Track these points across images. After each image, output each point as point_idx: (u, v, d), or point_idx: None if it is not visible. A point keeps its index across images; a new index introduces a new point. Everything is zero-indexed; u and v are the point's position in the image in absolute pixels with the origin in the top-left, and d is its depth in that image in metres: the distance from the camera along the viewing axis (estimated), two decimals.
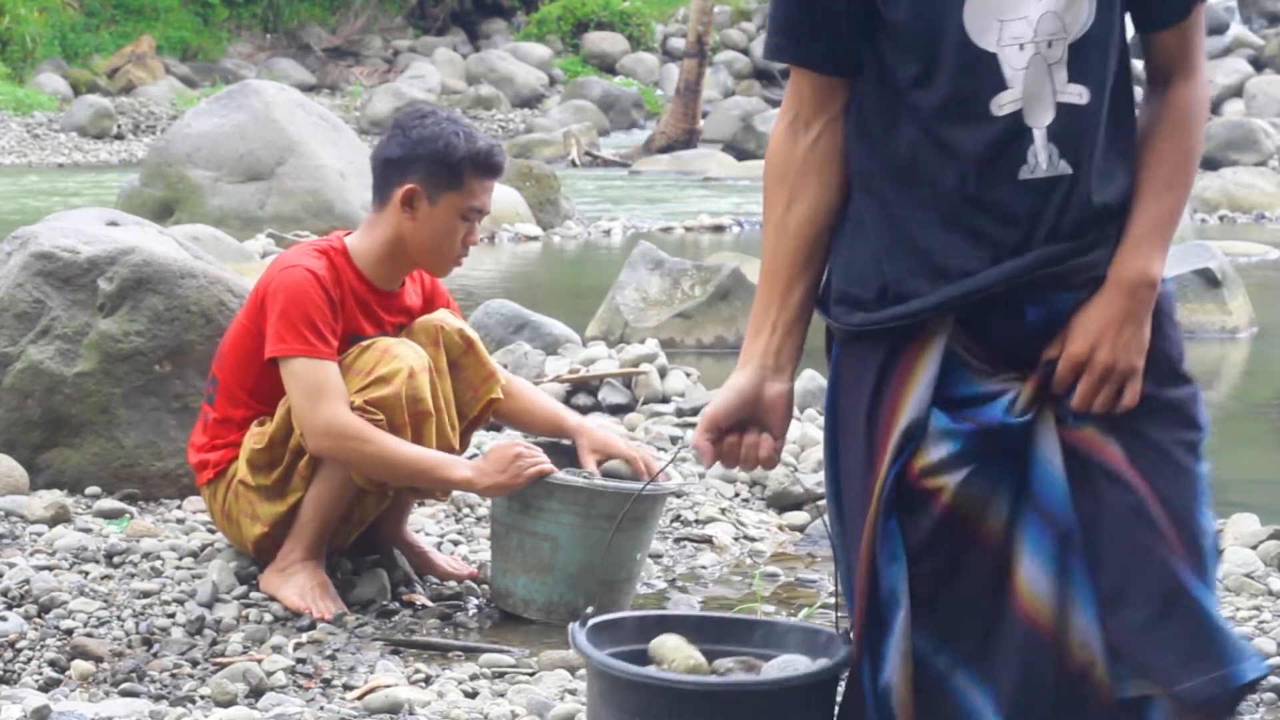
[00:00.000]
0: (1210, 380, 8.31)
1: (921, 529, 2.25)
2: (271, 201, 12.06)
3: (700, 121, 21.68)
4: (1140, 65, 2.40)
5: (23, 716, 3.42)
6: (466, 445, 4.39)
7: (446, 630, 4.18)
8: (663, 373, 6.70)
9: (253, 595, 4.22)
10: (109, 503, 4.87)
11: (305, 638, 4.01)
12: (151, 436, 4.98)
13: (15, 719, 3.42)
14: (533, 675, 3.84)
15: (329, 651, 3.94)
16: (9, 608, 4.06)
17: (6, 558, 4.37)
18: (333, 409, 4.04)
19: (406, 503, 4.48)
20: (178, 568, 4.37)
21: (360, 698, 3.66)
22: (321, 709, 3.61)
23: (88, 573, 4.32)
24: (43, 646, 3.88)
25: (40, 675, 3.75)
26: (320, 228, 11.13)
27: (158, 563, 4.40)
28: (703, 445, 2.39)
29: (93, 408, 4.95)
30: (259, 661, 3.82)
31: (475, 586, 4.44)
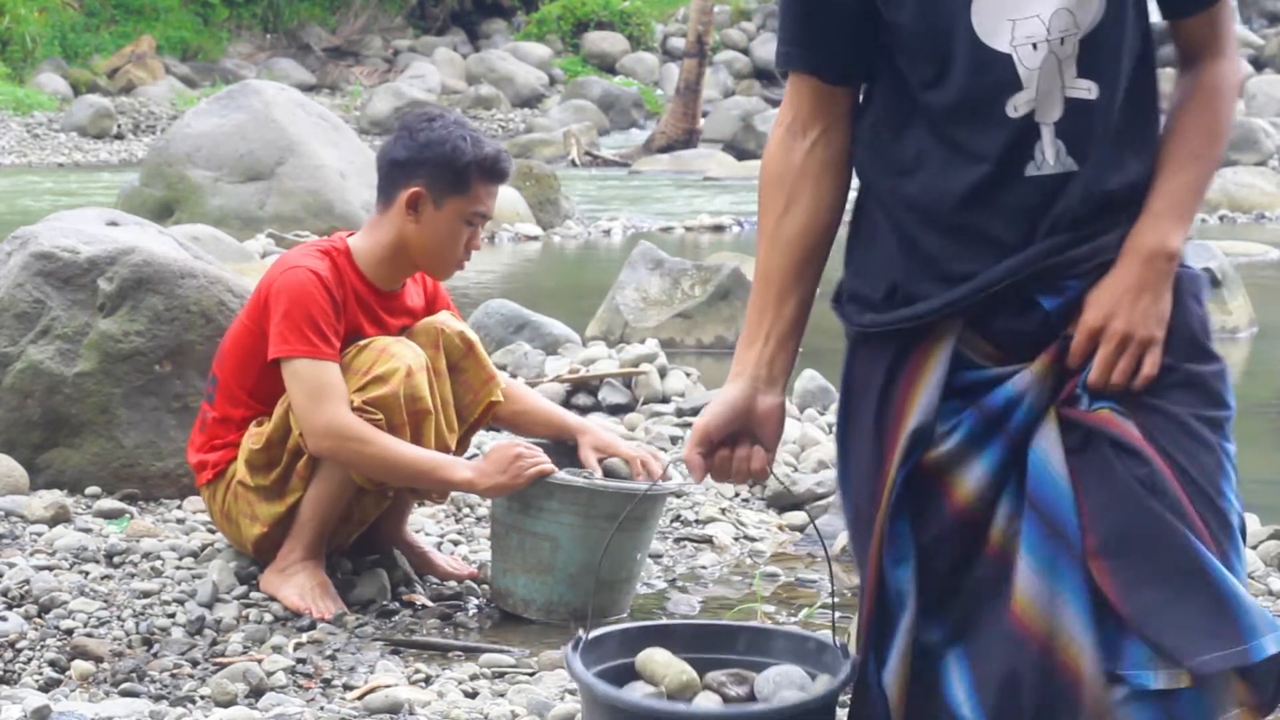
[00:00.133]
0: None
1: (932, 524, 2.24)
2: (271, 201, 12.05)
3: (700, 121, 21.68)
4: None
5: (23, 716, 3.42)
6: (466, 448, 4.39)
7: (446, 630, 4.18)
8: (663, 373, 6.70)
9: (253, 595, 4.22)
10: (109, 503, 4.86)
11: (305, 638, 4.01)
12: (151, 436, 4.98)
13: (15, 719, 3.41)
14: (533, 675, 3.84)
15: (329, 651, 3.94)
16: (9, 608, 4.05)
17: (6, 558, 4.37)
18: (334, 410, 4.04)
19: (406, 503, 4.48)
20: (178, 568, 4.37)
21: (360, 698, 3.66)
22: (321, 709, 3.61)
23: (88, 573, 4.32)
24: (43, 646, 3.88)
25: (40, 675, 3.74)
26: (320, 228, 11.13)
27: (158, 563, 4.40)
28: (693, 460, 2.35)
29: (93, 408, 4.95)
30: (259, 661, 3.82)
31: (475, 586, 4.44)
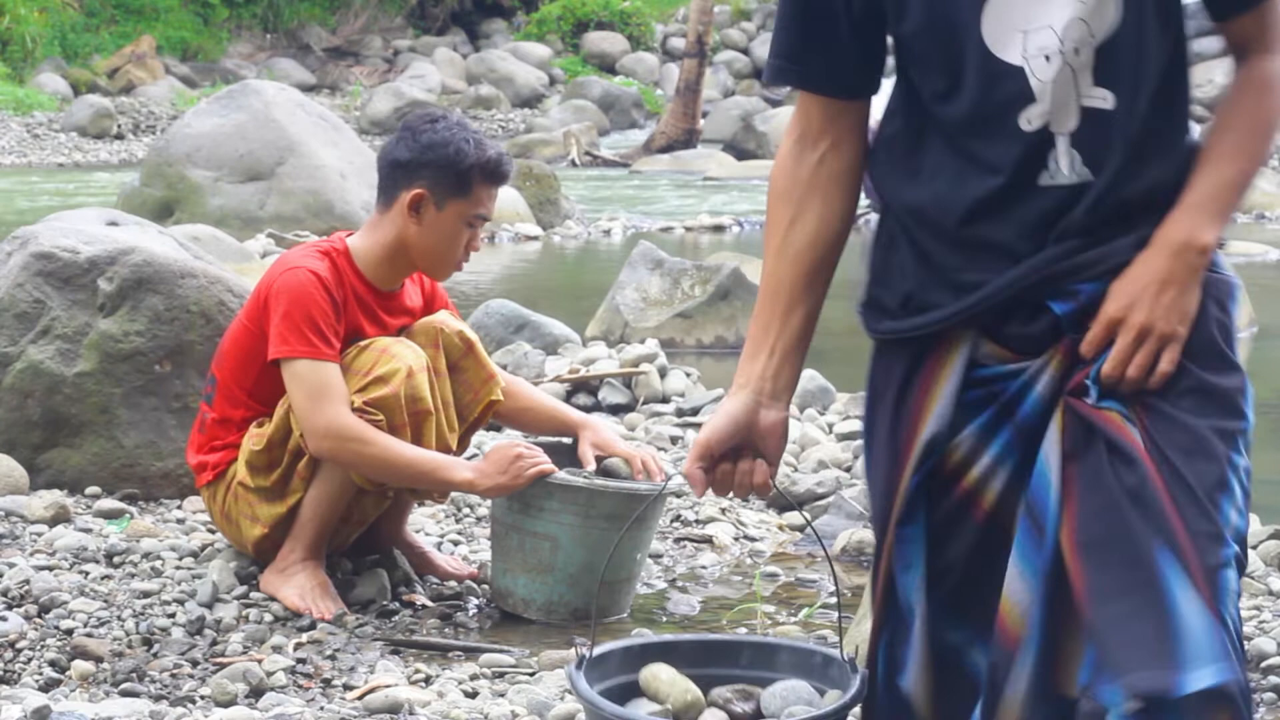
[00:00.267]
0: None
1: (949, 524, 2.23)
2: (271, 201, 12.05)
3: (700, 121, 21.66)
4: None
5: (23, 716, 3.42)
6: (466, 447, 4.39)
7: (446, 630, 4.18)
8: (663, 373, 6.70)
9: (253, 595, 4.22)
10: (109, 503, 4.87)
11: (305, 638, 4.01)
12: (151, 436, 4.98)
13: (15, 719, 3.41)
14: (533, 675, 3.84)
15: (329, 651, 3.94)
16: (9, 608, 4.06)
17: (6, 558, 4.37)
18: (334, 411, 4.04)
19: (406, 503, 4.48)
20: (178, 568, 4.37)
21: (360, 698, 3.66)
22: (321, 709, 3.61)
23: (88, 573, 4.33)
24: (43, 646, 3.88)
25: (40, 675, 3.74)
26: (320, 228, 11.13)
27: (158, 563, 4.40)
28: (695, 474, 2.31)
29: (93, 408, 4.95)
30: (259, 661, 3.82)
31: (475, 586, 4.44)
